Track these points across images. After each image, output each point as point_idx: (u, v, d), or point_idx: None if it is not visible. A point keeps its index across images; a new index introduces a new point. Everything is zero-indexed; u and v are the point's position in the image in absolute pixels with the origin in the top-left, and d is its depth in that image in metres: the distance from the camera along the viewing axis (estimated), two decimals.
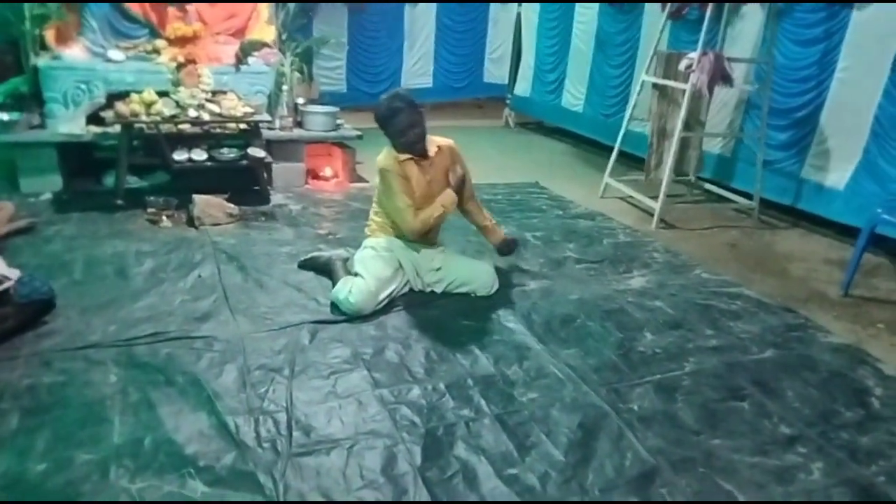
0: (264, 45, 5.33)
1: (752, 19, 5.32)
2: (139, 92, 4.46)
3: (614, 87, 6.98)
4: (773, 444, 2.37)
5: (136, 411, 2.30)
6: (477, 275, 3.42)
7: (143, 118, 4.35)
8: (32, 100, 4.71)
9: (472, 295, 3.40)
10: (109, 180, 4.71)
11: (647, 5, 6.45)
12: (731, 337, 3.15)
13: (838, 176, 4.74)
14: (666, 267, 4.01)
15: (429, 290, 3.39)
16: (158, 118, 4.38)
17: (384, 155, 3.29)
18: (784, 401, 2.64)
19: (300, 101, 5.55)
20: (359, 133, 5.44)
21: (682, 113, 4.79)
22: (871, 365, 2.98)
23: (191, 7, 5.19)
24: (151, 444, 2.14)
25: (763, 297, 3.63)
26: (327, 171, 5.46)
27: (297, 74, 5.61)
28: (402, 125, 3.18)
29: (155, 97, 4.45)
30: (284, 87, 5.38)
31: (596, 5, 7.13)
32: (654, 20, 6.20)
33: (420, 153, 3.28)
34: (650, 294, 3.58)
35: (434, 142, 3.36)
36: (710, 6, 4.82)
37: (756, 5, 5.22)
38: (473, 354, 2.84)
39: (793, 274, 4.10)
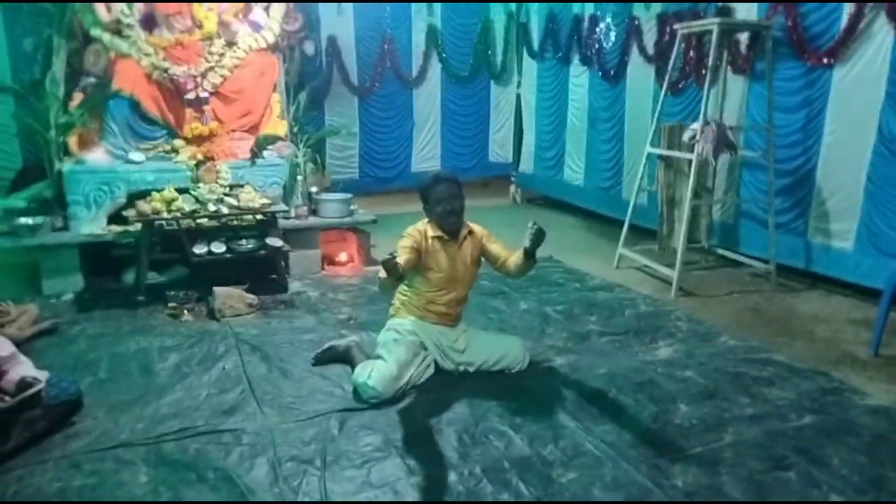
0: (278, 138, 5.51)
1: (733, 87, 5.48)
2: (160, 190, 4.60)
3: (606, 160, 7.18)
4: None
5: None
6: (508, 350, 3.40)
7: (164, 215, 4.46)
8: (55, 203, 4.83)
9: (506, 371, 3.37)
10: (129, 277, 4.78)
11: (629, 78, 6.71)
12: (767, 404, 3.09)
13: (843, 237, 4.78)
14: (691, 335, 3.97)
15: (461, 369, 3.35)
16: (179, 214, 4.48)
17: (415, 225, 3.32)
18: (831, 468, 2.57)
19: (314, 189, 5.68)
20: (373, 218, 5.54)
21: (691, 182, 4.87)
22: None
23: (206, 107, 5.39)
24: None
25: (793, 362, 3.57)
26: (343, 257, 5.51)
27: (310, 164, 5.77)
28: (443, 194, 3.26)
29: (175, 194, 4.57)
30: (299, 178, 5.52)
31: (586, 81, 7.40)
32: (637, 94, 6.52)
33: (453, 229, 3.31)
34: (679, 364, 3.53)
35: (468, 226, 3.39)
36: (707, 78, 4.99)
37: (738, 75, 5.41)
38: (507, 436, 2.78)
39: (819, 336, 4.05)
